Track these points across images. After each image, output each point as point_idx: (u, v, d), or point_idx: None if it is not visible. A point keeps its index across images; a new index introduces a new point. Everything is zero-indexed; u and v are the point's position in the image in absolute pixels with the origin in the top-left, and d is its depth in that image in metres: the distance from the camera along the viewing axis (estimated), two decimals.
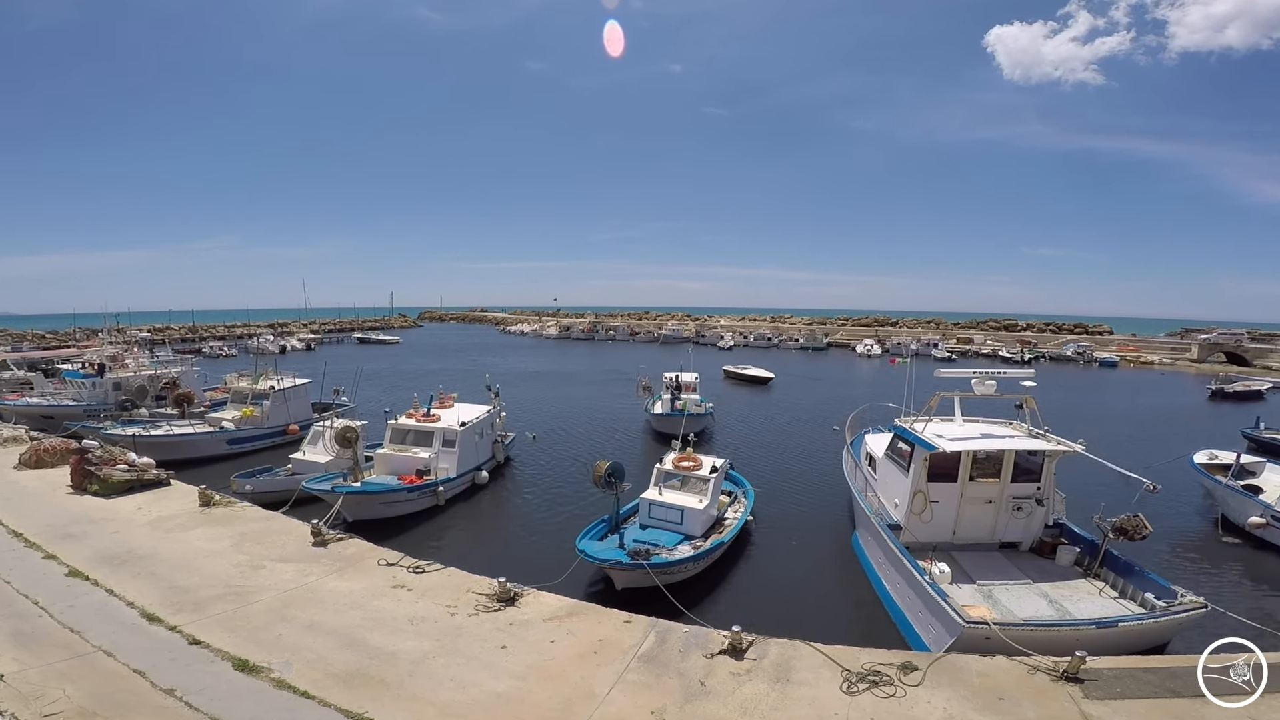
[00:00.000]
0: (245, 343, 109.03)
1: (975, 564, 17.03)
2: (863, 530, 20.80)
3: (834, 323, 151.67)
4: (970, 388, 19.34)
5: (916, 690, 11.45)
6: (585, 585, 18.10)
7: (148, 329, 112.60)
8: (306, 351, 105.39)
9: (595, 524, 20.29)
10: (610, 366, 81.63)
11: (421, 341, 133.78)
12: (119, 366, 42.44)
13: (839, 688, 11.53)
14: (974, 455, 17.60)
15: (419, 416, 27.76)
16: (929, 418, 19.41)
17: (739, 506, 23.28)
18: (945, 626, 13.59)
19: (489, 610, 14.39)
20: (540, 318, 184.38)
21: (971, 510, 17.86)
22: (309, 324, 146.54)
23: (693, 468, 21.65)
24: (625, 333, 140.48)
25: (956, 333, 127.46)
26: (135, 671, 11.47)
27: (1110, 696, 11.21)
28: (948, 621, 13.46)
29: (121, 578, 15.43)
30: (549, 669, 12.16)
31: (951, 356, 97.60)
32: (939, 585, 14.68)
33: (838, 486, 27.11)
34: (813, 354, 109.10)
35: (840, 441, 27.80)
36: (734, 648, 12.71)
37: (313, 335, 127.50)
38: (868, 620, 16.83)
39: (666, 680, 11.84)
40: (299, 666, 11.91)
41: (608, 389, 58.70)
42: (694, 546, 19.26)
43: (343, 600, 14.72)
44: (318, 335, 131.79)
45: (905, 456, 18.81)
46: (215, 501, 21.24)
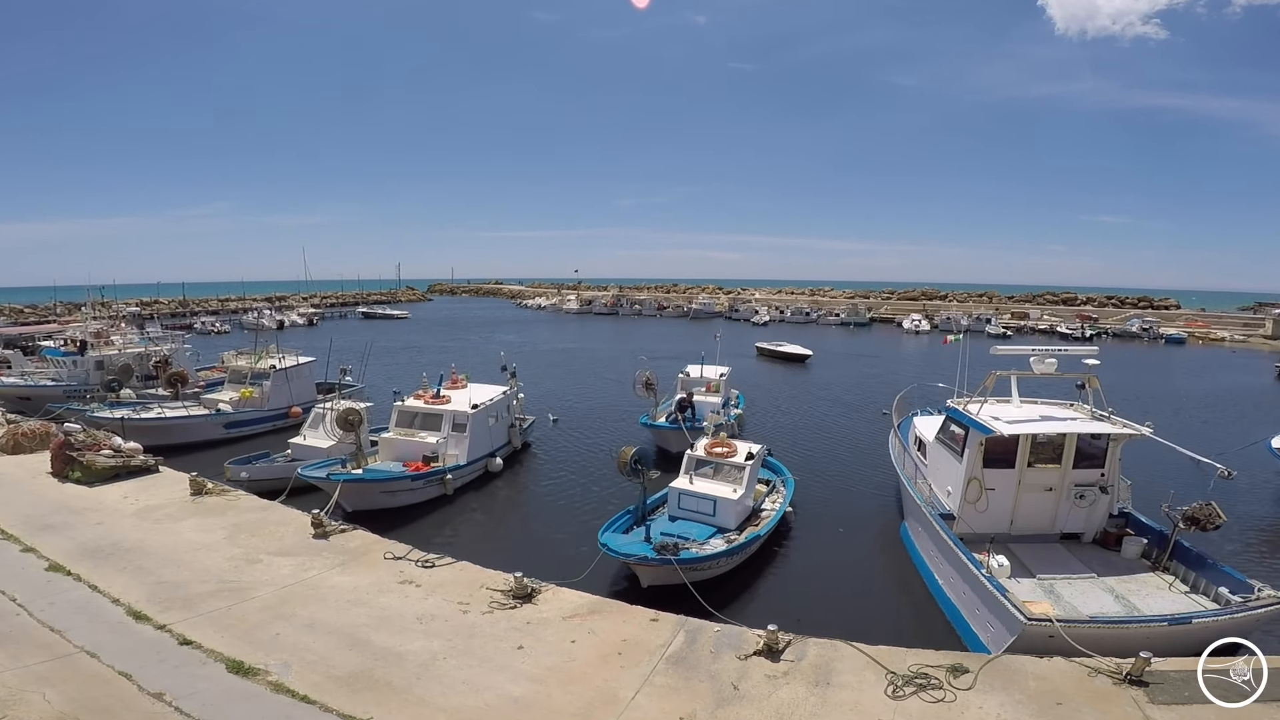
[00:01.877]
0: (240, 318, 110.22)
1: (1034, 556, 16.96)
2: (912, 520, 20.82)
3: (878, 296, 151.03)
4: (1028, 366, 19.20)
5: (967, 694, 11.38)
6: (609, 581, 18.06)
7: (135, 302, 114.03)
8: (308, 327, 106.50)
9: (620, 515, 20.28)
10: (637, 344, 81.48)
11: (431, 316, 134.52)
12: (104, 343, 42.75)
13: (883, 691, 11.48)
14: (1033, 439, 17.53)
15: (428, 398, 27.77)
16: (984, 399, 19.30)
17: (777, 497, 23.14)
18: (1005, 624, 13.55)
19: (504, 608, 14.37)
20: (560, 291, 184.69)
21: (1030, 499, 17.79)
22: (309, 297, 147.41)
23: (727, 454, 21.47)
24: (652, 307, 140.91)
25: (1011, 307, 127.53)
26: (121, 674, 11.51)
27: (1177, 701, 11.10)
28: (1008, 619, 13.41)
29: (106, 572, 15.53)
30: (569, 671, 12.12)
31: (1006, 333, 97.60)
32: (997, 580, 14.62)
33: (883, 473, 27.09)
34: (855, 330, 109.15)
35: (886, 425, 27.70)
36: (769, 648, 12.66)
37: (314, 310, 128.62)
38: (917, 618, 16.80)
39: (696, 683, 11.79)
40: (298, 668, 11.93)
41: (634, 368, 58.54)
42: (727, 540, 19.17)
43: (345, 597, 14.74)
44: (319, 310, 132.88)
45: (958, 441, 18.77)
46: (208, 490, 21.37)
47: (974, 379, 20.89)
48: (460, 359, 56.29)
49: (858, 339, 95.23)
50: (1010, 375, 19.60)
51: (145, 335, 48.27)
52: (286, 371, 35.99)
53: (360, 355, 45.19)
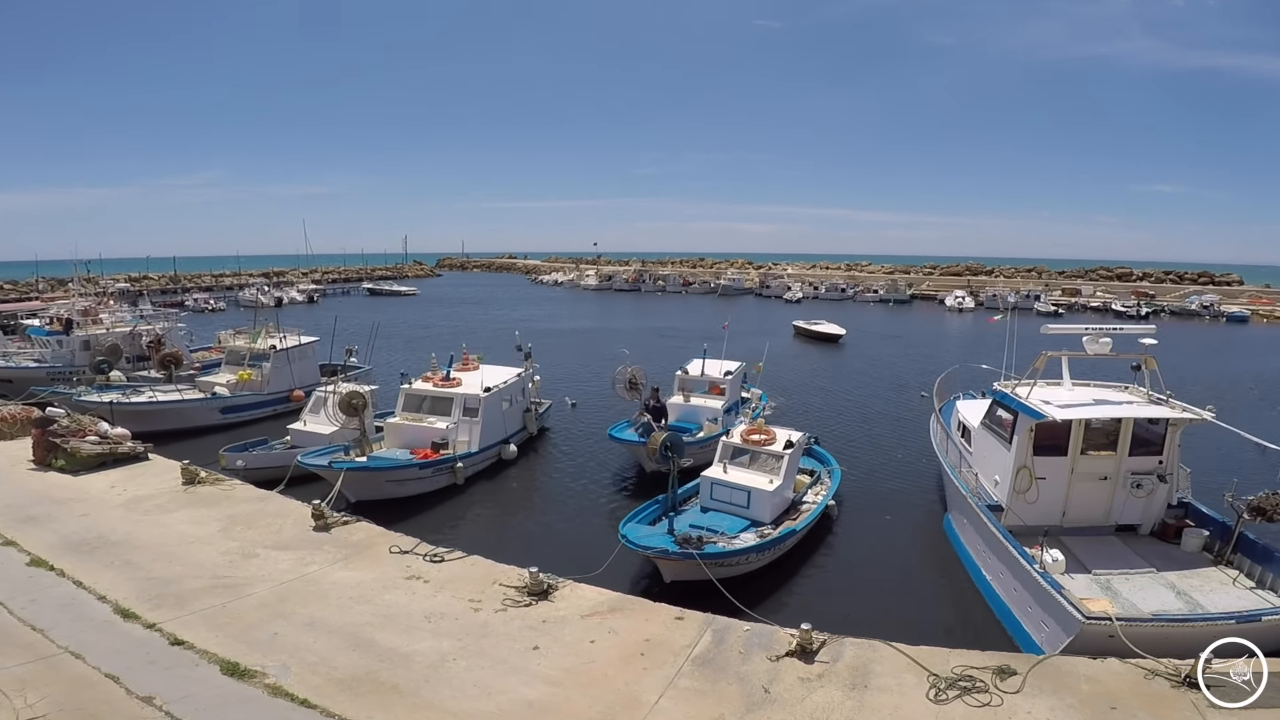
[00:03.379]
0: (236, 294, 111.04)
1: (1088, 550, 16.94)
2: (956, 512, 20.85)
3: (919, 271, 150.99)
4: (1080, 346, 19.07)
5: (1015, 698, 11.36)
6: (632, 577, 18.11)
7: (124, 278, 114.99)
8: (308, 304, 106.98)
9: (647, 505, 20.28)
10: (660, 323, 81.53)
11: (440, 293, 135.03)
12: (91, 322, 43.05)
13: (925, 695, 11.47)
14: (1087, 424, 17.50)
15: (437, 380, 27.75)
16: (1033, 381, 19.18)
17: (821, 489, 23.04)
18: (1061, 623, 13.53)
19: (518, 605, 14.36)
20: (578, 266, 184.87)
21: (1084, 488, 17.80)
22: (310, 272, 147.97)
23: (764, 442, 21.30)
24: (677, 283, 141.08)
25: (1061, 282, 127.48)
26: (108, 676, 11.53)
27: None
28: (1064, 618, 13.39)
29: (92, 567, 15.60)
30: (588, 673, 12.10)
31: (1057, 310, 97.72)
32: (1052, 575, 14.61)
33: (923, 460, 27.06)
34: (894, 307, 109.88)
35: (927, 409, 27.70)
36: (803, 648, 12.63)
37: (315, 286, 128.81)
38: (961, 617, 16.91)
39: (724, 686, 11.77)
40: (298, 670, 11.94)
41: (657, 348, 58.49)
42: (760, 534, 19.15)
43: (348, 593, 14.76)
44: (320, 286, 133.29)
45: (1006, 426, 18.76)
46: (201, 479, 21.42)
47: (1021, 360, 20.82)
48: (471, 339, 56.20)
49: (897, 317, 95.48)
50: (1061, 356, 19.48)
51: (139, 313, 48.45)
52: (288, 352, 36.08)
53: (367, 335, 45.16)
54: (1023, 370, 20.04)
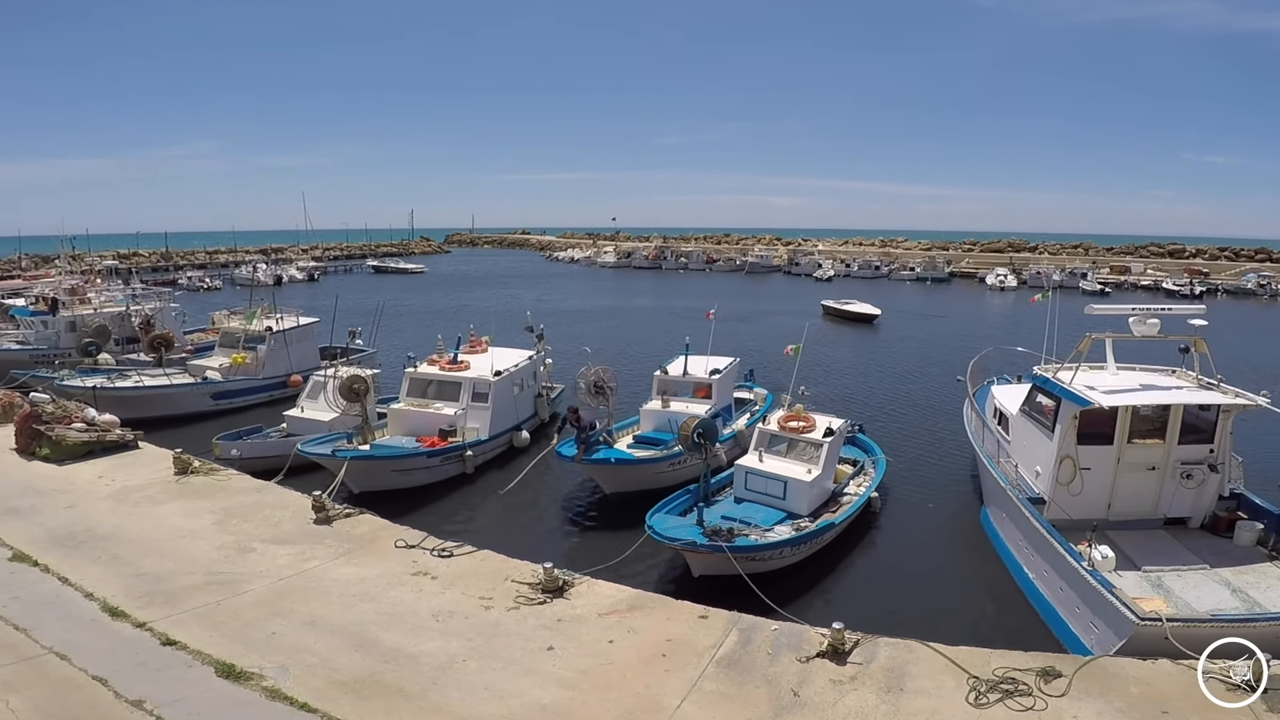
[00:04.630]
0: (231, 272, 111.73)
1: (1136, 545, 16.97)
2: (994, 505, 20.97)
3: (958, 247, 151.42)
4: (1126, 328, 19.09)
5: (1060, 702, 11.32)
6: (658, 571, 18.27)
7: (112, 255, 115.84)
8: (308, 283, 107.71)
9: (678, 495, 20.45)
10: (682, 302, 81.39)
11: (449, 270, 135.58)
12: (79, 302, 43.39)
13: (964, 699, 11.43)
14: (1134, 411, 17.56)
15: (444, 364, 27.81)
16: (1076, 365, 19.10)
17: (864, 479, 23.05)
18: (1113, 625, 13.57)
19: (532, 602, 14.37)
20: (595, 241, 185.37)
21: (1130, 479, 17.86)
22: (310, 249, 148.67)
23: (803, 429, 21.31)
24: (700, 259, 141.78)
25: (1109, 259, 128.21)
26: (95, 679, 11.57)
27: None
28: (1116, 619, 13.41)
29: (78, 562, 15.69)
30: (606, 675, 12.09)
31: (1104, 289, 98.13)
32: (1103, 574, 14.62)
33: (958, 450, 27.16)
34: (932, 286, 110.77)
35: (961, 394, 27.70)
36: (835, 649, 12.62)
37: (315, 263, 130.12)
38: (1001, 616, 17.05)
39: (751, 689, 11.76)
40: (297, 672, 11.96)
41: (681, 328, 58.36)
42: (796, 527, 19.15)
43: (351, 590, 14.80)
44: (321, 263, 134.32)
45: (1048, 414, 18.81)
46: (194, 468, 21.54)
47: (1064, 342, 20.81)
48: (480, 319, 56.26)
49: (935, 296, 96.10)
50: (1106, 338, 19.46)
51: (130, 291, 48.71)
52: (285, 334, 36.28)
53: (370, 315, 45.16)
54: (1064, 353, 19.99)
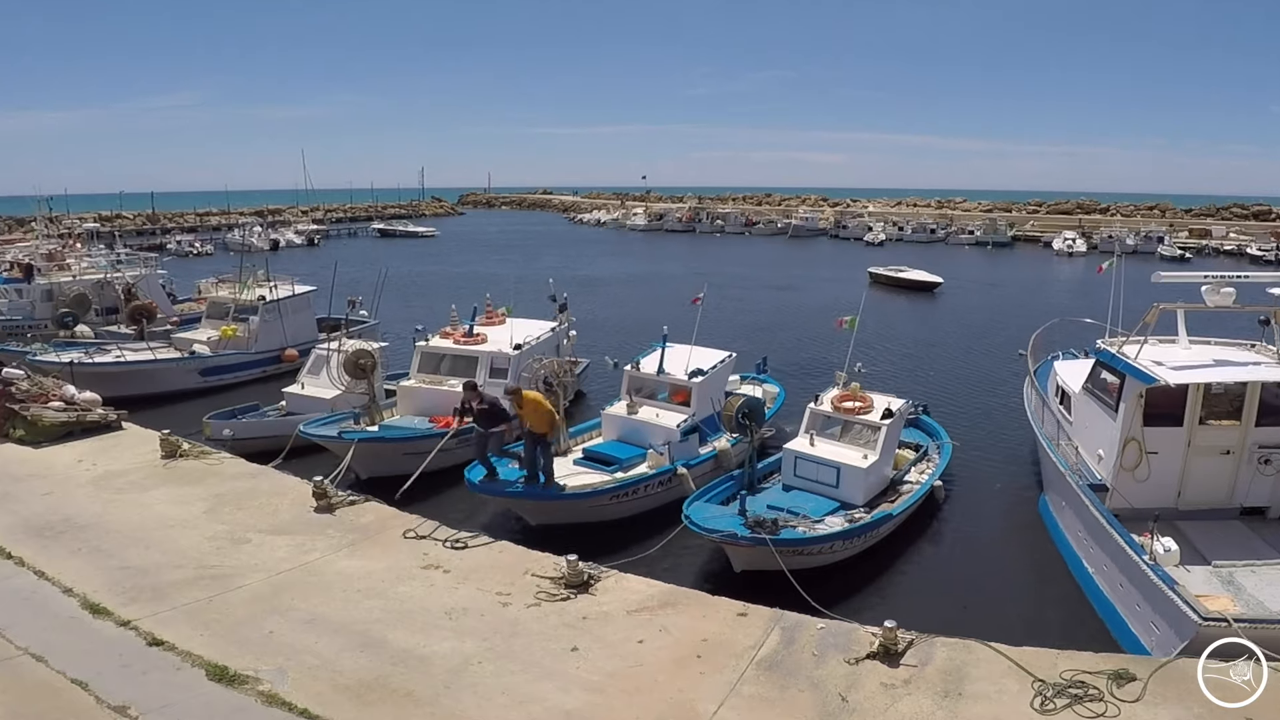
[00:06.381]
0: (224, 236, 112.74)
1: (1208, 537, 16.86)
2: (1053, 492, 21.03)
3: (1022, 208, 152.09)
4: (1200, 297, 18.95)
5: (1134, 707, 11.25)
6: (695, 565, 18.31)
7: (93, 216, 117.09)
8: (308, 248, 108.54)
9: (720, 481, 20.45)
10: (720, 270, 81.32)
11: (463, 233, 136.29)
12: (57, 268, 43.74)
13: (1029, 704, 11.39)
14: (1207, 389, 17.39)
15: (458, 337, 27.81)
16: (1144, 338, 18.91)
17: (928, 466, 22.98)
18: (1173, 625, 13.52)
19: (554, 599, 14.42)
20: (623, 202, 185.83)
21: (1202, 464, 17.68)
22: (310, 210, 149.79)
23: (859, 410, 21.18)
24: (739, 222, 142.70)
25: (1188, 222, 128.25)
26: (74, 682, 11.65)
27: None
28: (1177, 619, 13.35)
29: (56, 554, 15.82)
30: (635, 678, 12.12)
31: (1184, 255, 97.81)
32: (1164, 568, 14.51)
33: (1020, 431, 27.00)
34: (993, 251, 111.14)
35: (1022, 370, 27.66)
36: (887, 650, 12.59)
37: (316, 226, 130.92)
38: (1062, 613, 17.12)
39: (795, 694, 11.74)
40: (296, 675, 12.03)
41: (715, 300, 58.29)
42: (849, 519, 19.12)
43: (356, 585, 14.88)
44: (322, 226, 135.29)
45: (1112, 391, 18.70)
46: (183, 451, 21.66)
47: (1131, 313, 20.55)
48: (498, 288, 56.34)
49: (996, 262, 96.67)
50: (1178, 308, 19.21)
51: (116, 256, 49.08)
52: (279, 304, 36.39)
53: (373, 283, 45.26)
54: (1132, 325, 19.77)
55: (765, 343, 43.11)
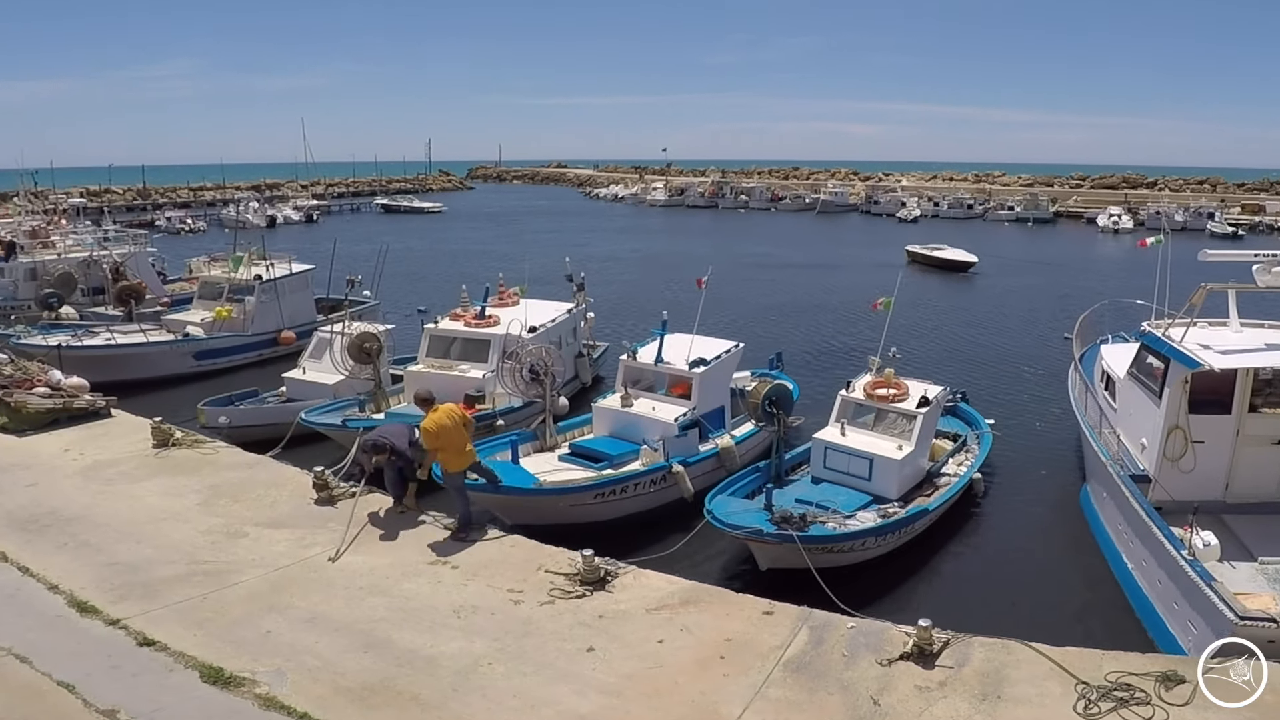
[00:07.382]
0: (219, 212, 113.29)
1: (1256, 532, 16.94)
2: (1094, 483, 21.14)
3: (1065, 182, 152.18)
4: (1251, 277, 18.88)
5: (1183, 711, 11.17)
6: (719, 562, 18.39)
7: (80, 191, 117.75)
8: (307, 224, 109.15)
9: (745, 473, 20.56)
10: (744, 248, 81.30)
11: (473, 209, 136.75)
12: (41, 246, 43.86)
13: (1072, 707, 11.33)
14: (1256, 374, 17.45)
15: (469, 318, 27.94)
16: (1191, 320, 18.83)
17: (966, 457, 22.99)
18: (1210, 624, 13.60)
19: (569, 596, 14.42)
20: (643, 176, 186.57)
21: (1252, 454, 17.75)
22: (310, 185, 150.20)
23: (893, 397, 21.16)
24: (764, 197, 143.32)
25: (1241, 197, 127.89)
26: (61, 684, 11.68)
27: None
28: (1214, 617, 13.43)
29: (42, 549, 15.86)
30: (655, 680, 12.10)
31: (1237, 232, 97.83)
32: (1202, 564, 14.51)
33: (1065, 419, 27.12)
34: (1034, 228, 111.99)
35: (1067, 355, 27.79)
36: (921, 650, 12.56)
37: (316, 202, 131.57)
38: (1102, 612, 17.37)
39: (824, 697, 11.72)
40: (296, 677, 12.05)
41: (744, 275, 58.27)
42: (882, 514, 19.15)
43: (359, 582, 14.90)
44: (323, 201, 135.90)
45: (1156, 377, 18.76)
46: (176, 440, 21.68)
47: (1181, 294, 20.43)
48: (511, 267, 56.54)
49: (1037, 240, 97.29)
50: (1228, 289, 19.18)
51: (104, 233, 49.23)
52: (276, 284, 36.52)
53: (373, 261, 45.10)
54: (1181, 306, 19.73)
55: (789, 328, 43.42)
